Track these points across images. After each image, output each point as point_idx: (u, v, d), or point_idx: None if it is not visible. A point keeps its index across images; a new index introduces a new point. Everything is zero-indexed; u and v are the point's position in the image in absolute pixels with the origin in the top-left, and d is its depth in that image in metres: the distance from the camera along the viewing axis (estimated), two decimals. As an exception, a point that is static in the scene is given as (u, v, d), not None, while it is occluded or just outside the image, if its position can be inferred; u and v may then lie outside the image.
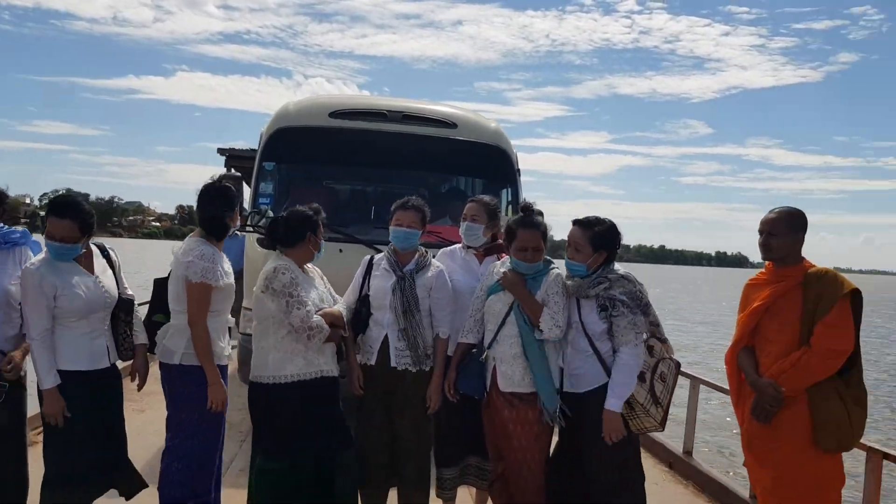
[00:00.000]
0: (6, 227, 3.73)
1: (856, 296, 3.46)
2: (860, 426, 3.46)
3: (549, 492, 3.77)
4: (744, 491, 4.90)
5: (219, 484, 3.95)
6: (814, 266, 3.58)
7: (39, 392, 3.60)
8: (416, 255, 4.01)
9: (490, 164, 6.46)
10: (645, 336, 3.61)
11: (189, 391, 3.70)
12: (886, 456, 3.82)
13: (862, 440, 3.64)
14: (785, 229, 3.56)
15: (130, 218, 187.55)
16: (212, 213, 3.77)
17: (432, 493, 4.11)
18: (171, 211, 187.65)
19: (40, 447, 3.71)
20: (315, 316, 3.70)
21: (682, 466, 5.84)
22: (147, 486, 3.90)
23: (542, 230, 3.73)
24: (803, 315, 3.47)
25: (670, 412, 3.61)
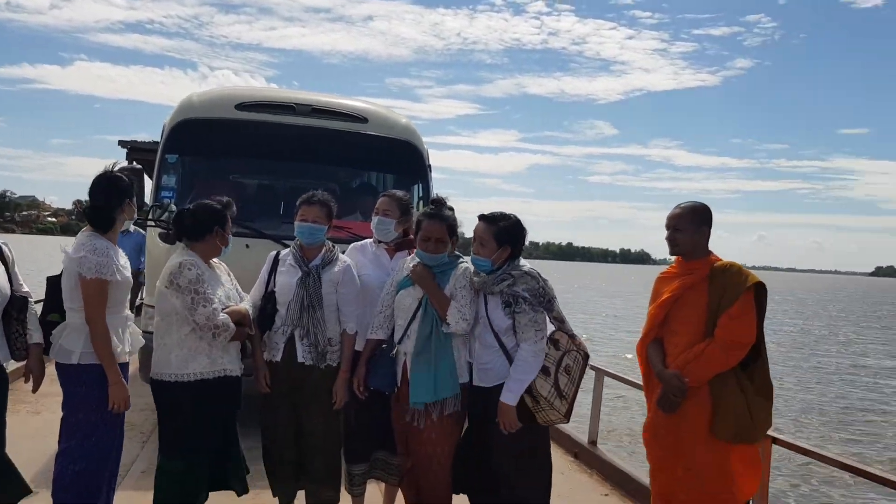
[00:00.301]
0: None
1: (759, 289, 3.52)
2: (763, 417, 3.50)
3: (457, 484, 3.78)
4: (646, 479, 5.05)
5: (112, 486, 3.80)
6: (720, 260, 3.64)
7: None
8: (323, 250, 3.95)
9: (401, 159, 6.43)
10: (549, 331, 3.64)
11: (87, 391, 3.52)
12: (775, 440, 3.95)
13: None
14: (689, 224, 3.62)
15: (24, 213, 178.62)
16: (95, 204, 3.59)
17: (342, 489, 4.07)
18: (69, 206, 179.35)
19: None
20: (221, 314, 3.60)
21: (586, 456, 5.97)
22: (31, 491, 3.69)
23: (447, 223, 3.72)
24: (709, 307, 3.52)
25: (579, 403, 3.65)
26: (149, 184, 6.39)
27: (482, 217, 3.71)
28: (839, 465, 3.86)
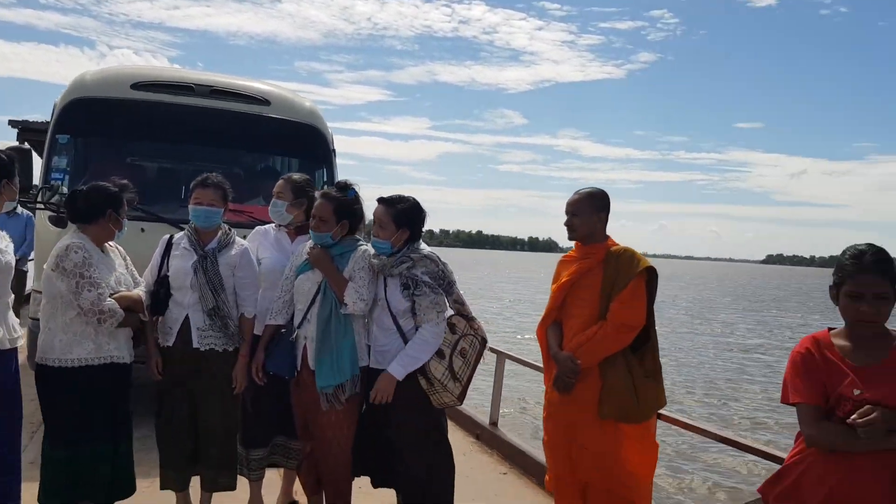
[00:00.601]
0: None
1: (650, 273, 3.63)
2: (651, 398, 3.60)
3: (357, 467, 3.80)
4: (542, 457, 5.21)
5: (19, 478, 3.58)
6: (617, 245, 3.73)
7: None
8: (219, 234, 3.88)
9: (304, 143, 6.36)
10: (448, 314, 3.69)
11: None
12: (659, 416, 4.01)
13: None
14: (586, 209, 3.71)
15: None
16: None
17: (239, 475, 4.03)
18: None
19: None
20: (108, 300, 3.49)
21: (487, 437, 6.09)
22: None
23: (333, 203, 3.69)
24: (602, 291, 3.62)
25: (480, 387, 3.71)
26: (39, 165, 6.12)
27: (381, 200, 3.72)
28: (716, 438, 4.04)
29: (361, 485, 3.96)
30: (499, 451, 5.86)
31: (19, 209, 7.79)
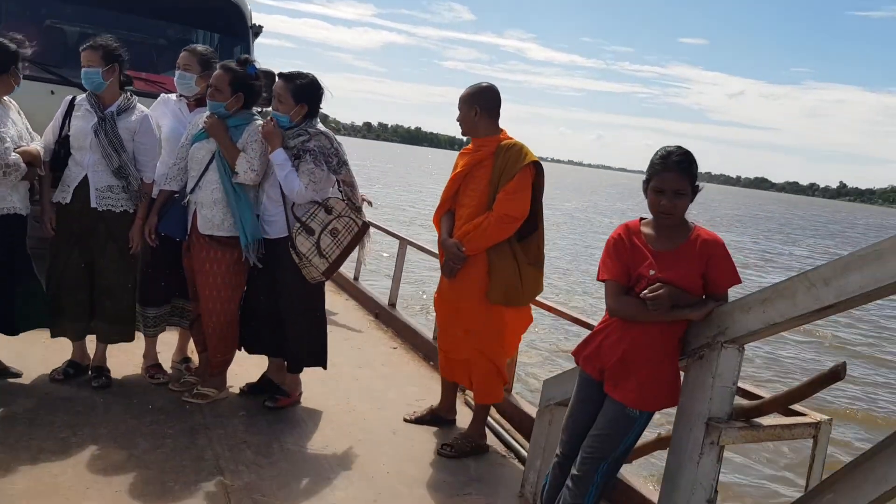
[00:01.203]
0: None
1: (537, 167, 3.76)
2: (534, 285, 3.83)
3: (244, 327, 4.13)
4: (429, 335, 5.65)
5: None
6: (509, 139, 3.84)
7: None
8: (120, 98, 3.96)
9: (221, 17, 6.34)
10: (332, 195, 3.93)
11: None
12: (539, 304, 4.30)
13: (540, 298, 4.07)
14: (463, 106, 3.87)
15: None
16: None
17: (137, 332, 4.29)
18: None
19: None
20: (13, 153, 3.62)
21: (385, 316, 6.48)
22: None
23: (231, 75, 3.83)
24: (490, 183, 3.77)
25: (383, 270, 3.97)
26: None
27: (280, 75, 3.87)
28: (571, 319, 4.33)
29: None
30: (393, 328, 6.26)
31: None
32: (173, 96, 4.36)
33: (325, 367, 4.23)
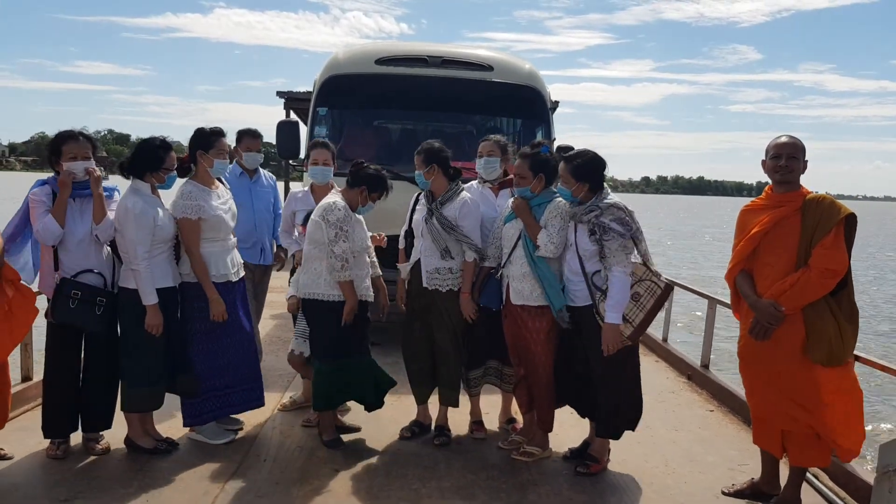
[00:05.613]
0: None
1: (850, 220, 3.57)
2: (851, 341, 3.59)
3: (558, 387, 4.26)
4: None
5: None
6: (811, 192, 3.67)
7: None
8: (446, 190, 4.43)
9: (524, 103, 6.76)
10: (636, 259, 3.95)
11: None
12: (857, 358, 3.93)
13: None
14: (802, 154, 3.70)
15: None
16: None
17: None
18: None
19: None
20: (341, 247, 4.16)
21: (699, 378, 6.21)
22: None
23: (530, 161, 4.12)
24: (801, 239, 3.58)
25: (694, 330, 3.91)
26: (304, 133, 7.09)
27: (562, 158, 4.08)
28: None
29: (573, 412, 4.40)
30: (708, 390, 5.96)
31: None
32: (475, 183, 4.75)
33: (633, 429, 4.22)
